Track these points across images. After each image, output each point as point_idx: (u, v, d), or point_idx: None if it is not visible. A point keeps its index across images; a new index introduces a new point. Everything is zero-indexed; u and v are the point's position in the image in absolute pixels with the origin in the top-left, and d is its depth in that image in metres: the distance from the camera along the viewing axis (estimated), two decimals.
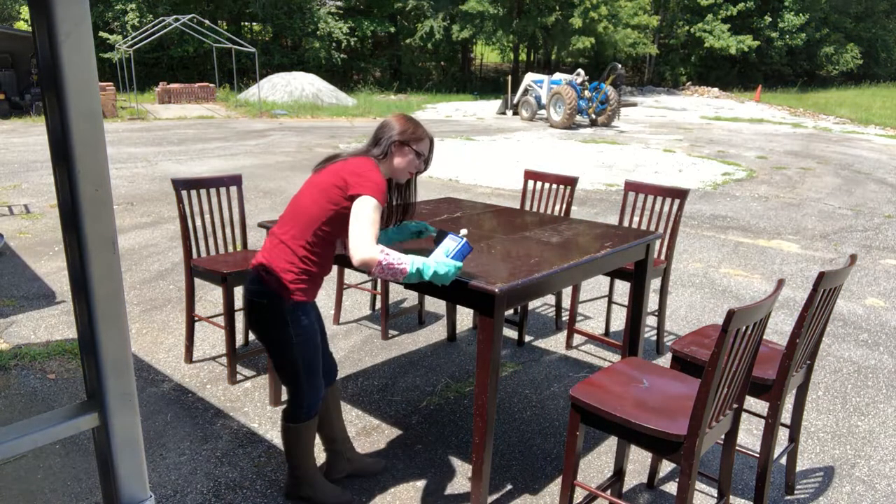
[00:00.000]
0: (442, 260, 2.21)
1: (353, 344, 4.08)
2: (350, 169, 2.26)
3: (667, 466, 2.88)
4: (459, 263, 2.22)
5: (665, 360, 3.92)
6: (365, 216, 2.15)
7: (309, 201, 2.29)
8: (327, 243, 2.32)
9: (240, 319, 4.03)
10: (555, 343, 4.19)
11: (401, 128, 2.38)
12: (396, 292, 4.95)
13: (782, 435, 2.88)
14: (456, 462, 2.89)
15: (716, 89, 31.31)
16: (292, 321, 2.29)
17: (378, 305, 4.65)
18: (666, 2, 34.09)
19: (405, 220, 2.63)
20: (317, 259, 2.31)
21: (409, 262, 2.16)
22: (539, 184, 4.65)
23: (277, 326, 2.30)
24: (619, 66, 17.67)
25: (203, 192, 4.23)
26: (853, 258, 2.42)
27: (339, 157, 2.37)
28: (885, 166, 11.94)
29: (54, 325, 4.21)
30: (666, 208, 7.07)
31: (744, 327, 1.90)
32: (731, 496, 2.57)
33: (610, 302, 4.20)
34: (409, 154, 2.39)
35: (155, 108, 19.56)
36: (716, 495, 2.59)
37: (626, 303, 3.84)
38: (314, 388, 2.43)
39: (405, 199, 2.58)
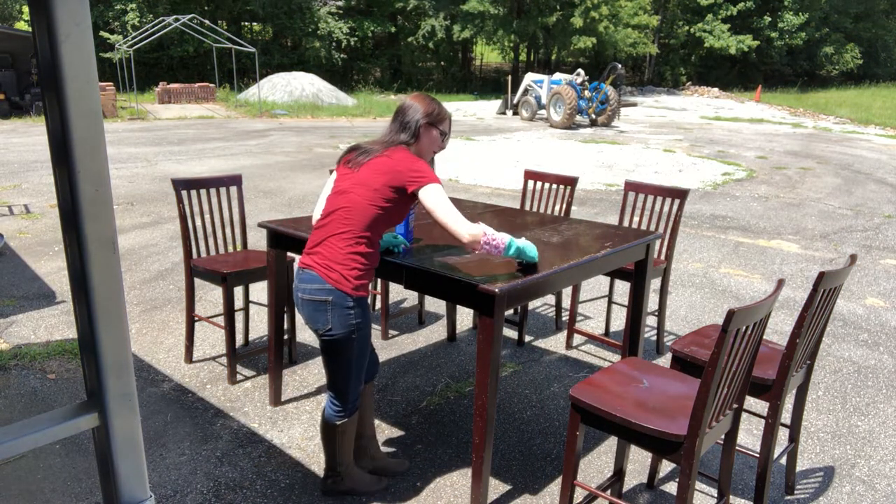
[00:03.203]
0: (525, 241, 2.42)
1: None
2: (401, 167, 2.31)
3: (667, 466, 2.88)
4: (535, 253, 2.44)
5: (665, 360, 3.92)
6: (444, 203, 2.29)
7: (364, 200, 2.30)
8: (378, 238, 2.39)
9: (240, 319, 4.03)
10: (555, 343, 4.19)
11: (426, 109, 2.44)
12: (396, 292, 4.95)
13: (782, 435, 2.88)
14: (456, 462, 2.89)
15: (716, 89, 31.32)
16: (357, 315, 2.33)
17: (378, 305, 4.65)
18: (666, 2, 34.09)
19: None
20: (373, 252, 2.37)
21: (506, 239, 2.35)
22: (539, 184, 4.66)
23: (343, 323, 2.32)
24: (619, 66, 17.67)
25: (203, 192, 4.23)
26: (853, 258, 2.42)
27: (372, 152, 2.37)
28: (885, 166, 11.94)
29: (54, 325, 4.21)
30: (666, 208, 7.07)
31: (744, 327, 1.89)
32: (731, 496, 2.57)
33: (610, 302, 4.20)
34: (436, 135, 2.47)
35: (155, 108, 19.56)
36: (716, 495, 2.59)
37: (626, 303, 3.84)
38: (359, 383, 2.48)
39: None
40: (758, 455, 2.51)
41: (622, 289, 5.00)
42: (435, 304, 4.76)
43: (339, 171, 2.44)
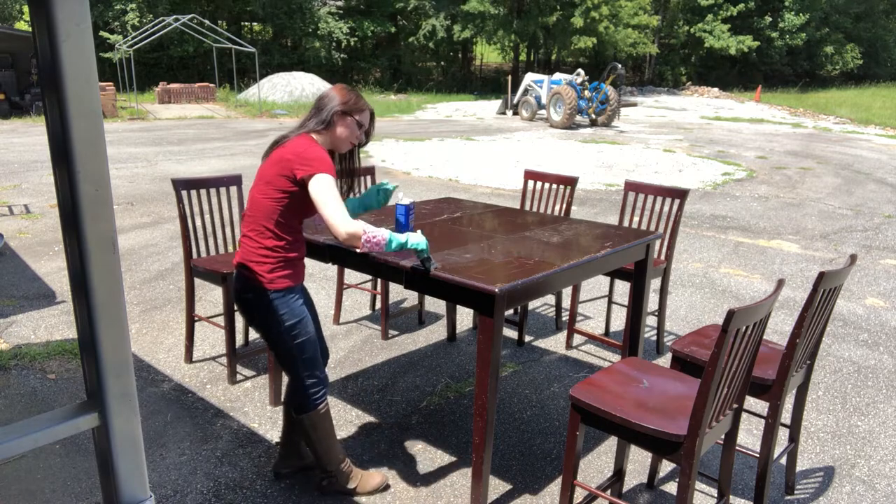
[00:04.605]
0: (408, 233, 2.39)
1: (353, 344, 4.08)
2: (290, 154, 2.28)
3: (667, 466, 2.88)
4: (419, 241, 2.39)
5: (665, 360, 3.92)
6: (328, 195, 2.22)
7: (260, 195, 2.33)
8: (291, 228, 2.37)
9: (240, 319, 4.03)
10: (555, 343, 4.19)
11: (342, 98, 2.40)
12: (396, 292, 4.95)
13: (782, 435, 2.88)
14: (456, 462, 2.89)
15: (716, 89, 31.31)
16: (280, 307, 2.34)
17: (378, 305, 4.65)
18: (666, 2, 34.09)
19: (351, 191, 2.65)
20: (285, 244, 2.35)
21: (386, 235, 2.30)
22: (539, 184, 4.66)
23: (268, 317, 2.35)
24: (619, 66, 17.66)
25: (203, 192, 4.23)
26: (853, 258, 2.42)
27: (280, 141, 2.38)
28: (885, 166, 11.94)
29: (54, 325, 4.21)
30: (666, 208, 7.07)
31: (744, 327, 1.90)
32: (731, 496, 2.57)
33: (610, 302, 4.20)
34: (352, 124, 2.41)
35: (155, 108, 19.56)
36: (716, 495, 2.59)
37: (626, 303, 3.84)
38: (314, 374, 2.46)
39: (349, 169, 2.58)
40: (758, 455, 2.51)
41: (622, 289, 5.00)
42: (435, 304, 4.76)
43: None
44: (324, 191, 2.22)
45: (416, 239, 2.38)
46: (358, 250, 2.29)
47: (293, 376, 2.46)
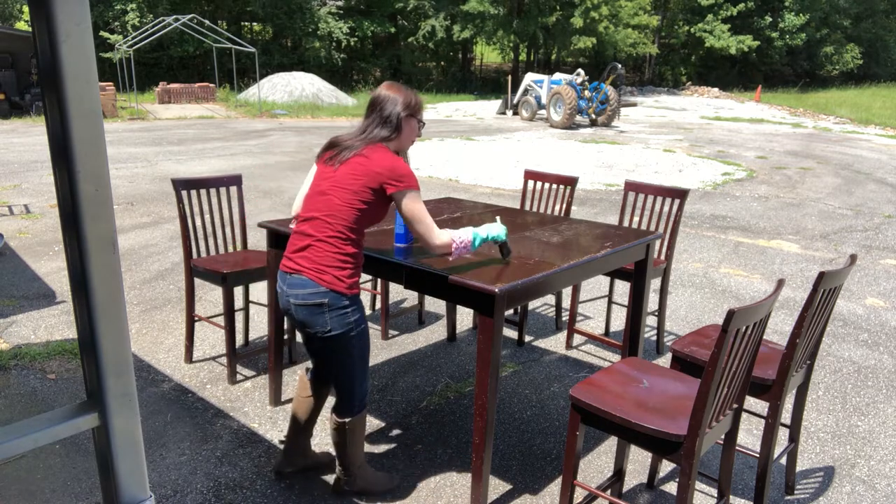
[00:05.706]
0: (486, 225, 2.55)
1: None
2: (379, 168, 2.31)
3: (667, 466, 2.88)
4: (498, 231, 2.54)
5: (665, 360, 3.92)
6: (420, 212, 2.36)
7: (342, 202, 2.31)
8: (363, 236, 2.42)
9: (240, 319, 4.03)
10: (555, 343, 4.19)
11: (405, 100, 2.42)
12: (396, 292, 4.95)
13: (782, 435, 2.88)
14: (456, 462, 2.89)
15: (716, 89, 31.31)
16: (354, 312, 2.36)
17: (378, 305, 4.65)
18: (666, 2, 34.09)
19: None
20: (359, 251, 2.40)
21: (470, 235, 2.45)
22: (539, 184, 4.66)
23: (339, 322, 2.33)
24: (619, 66, 17.66)
25: (203, 192, 4.23)
26: (853, 258, 2.42)
27: (352, 149, 2.35)
28: (885, 166, 11.94)
29: (54, 325, 4.20)
30: (666, 208, 7.07)
31: (744, 327, 1.89)
32: (731, 496, 2.57)
33: (610, 302, 4.20)
34: (415, 126, 2.50)
35: (155, 108, 19.56)
36: (716, 495, 2.59)
37: (626, 303, 3.84)
38: (365, 379, 2.49)
39: None
40: (758, 455, 2.51)
41: (622, 289, 5.00)
42: (435, 304, 4.76)
43: (318, 167, 2.44)
44: (416, 208, 2.34)
45: (496, 230, 2.52)
46: (450, 258, 2.45)
47: (347, 383, 2.45)
